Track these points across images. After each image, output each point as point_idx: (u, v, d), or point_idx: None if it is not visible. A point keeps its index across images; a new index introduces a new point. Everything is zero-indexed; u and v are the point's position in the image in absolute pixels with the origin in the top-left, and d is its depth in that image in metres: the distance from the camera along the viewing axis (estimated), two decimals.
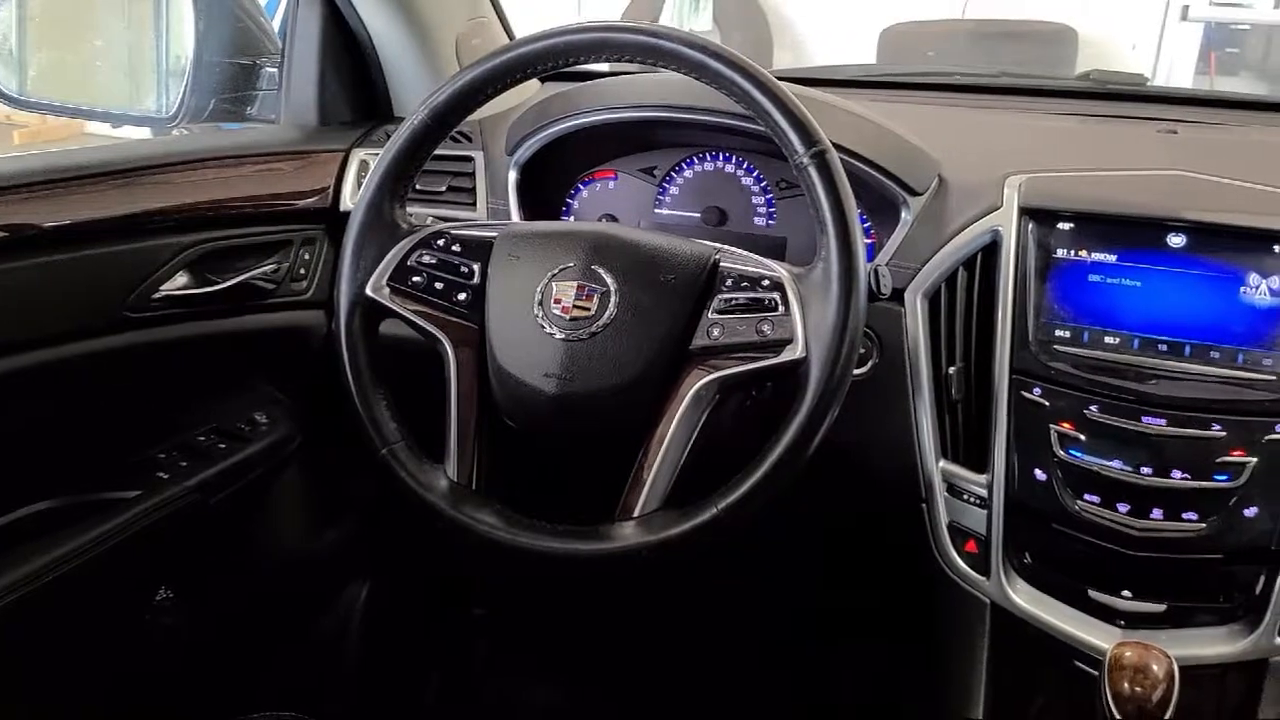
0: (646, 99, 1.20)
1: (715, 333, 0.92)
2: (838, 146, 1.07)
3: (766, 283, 0.92)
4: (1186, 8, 4.07)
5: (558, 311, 0.93)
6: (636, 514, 0.91)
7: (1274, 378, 0.96)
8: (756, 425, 0.93)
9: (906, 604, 1.20)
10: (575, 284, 0.94)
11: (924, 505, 1.08)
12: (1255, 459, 0.95)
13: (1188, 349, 0.98)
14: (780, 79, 1.27)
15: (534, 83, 1.47)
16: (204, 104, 1.39)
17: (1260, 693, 0.99)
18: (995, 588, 1.05)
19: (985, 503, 1.04)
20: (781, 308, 0.90)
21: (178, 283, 1.14)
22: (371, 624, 1.56)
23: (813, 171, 0.89)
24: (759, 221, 1.24)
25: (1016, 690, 1.08)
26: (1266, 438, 0.95)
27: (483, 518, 0.94)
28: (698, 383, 0.91)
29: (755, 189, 1.24)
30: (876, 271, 0.96)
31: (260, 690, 1.40)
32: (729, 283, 0.93)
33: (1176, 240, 0.99)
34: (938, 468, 1.07)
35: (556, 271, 0.95)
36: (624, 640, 1.68)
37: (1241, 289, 0.98)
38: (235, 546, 1.33)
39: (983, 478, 1.04)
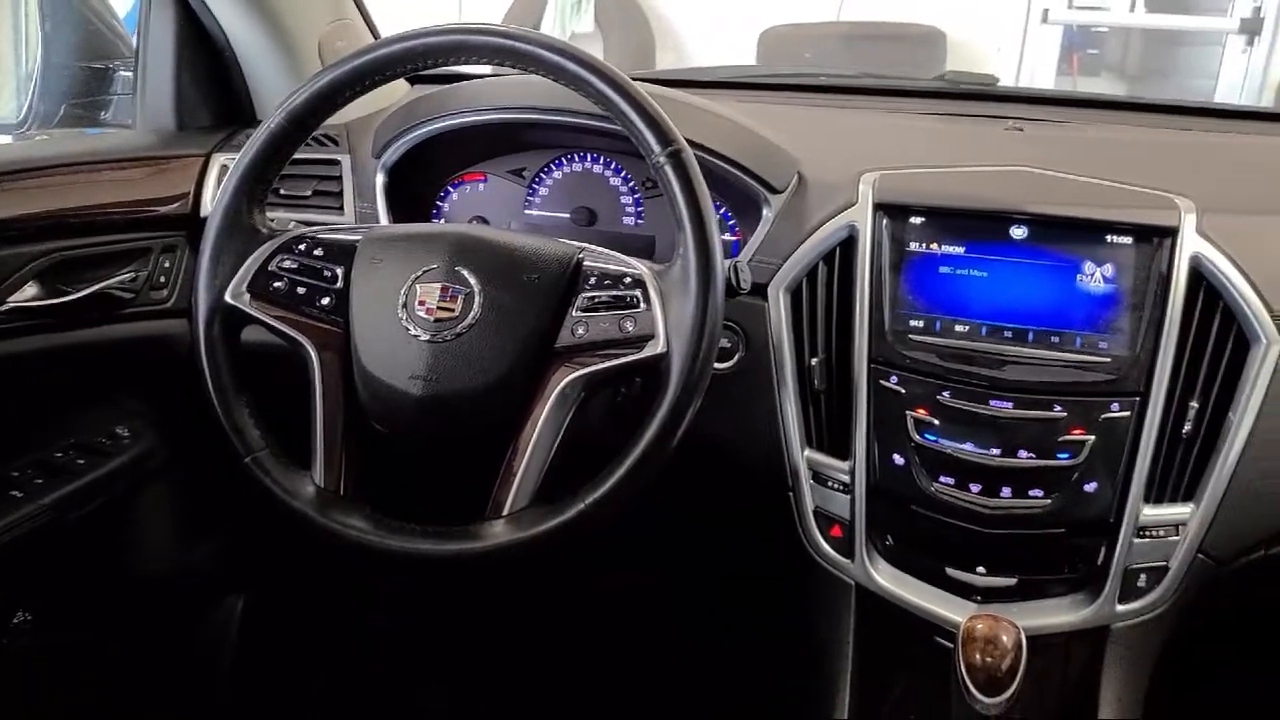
0: (514, 101, 1.20)
1: (579, 331, 0.93)
2: (699, 146, 1.11)
3: (628, 280, 0.94)
4: (1046, 11, 4.25)
5: (422, 313, 0.93)
6: (506, 512, 0.91)
7: (1109, 360, 1.01)
8: (629, 420, 0.94)
9: (779, 591, 1.23)
10: (439, 285, 0.94)
11: (791, 493, 1.11)
12: (1093, 437, 1.00)
13: (1031, 335, 1.04)
14: (648, 81, 1.31)
15: (403, 85, 1.46)
16: (53, 109, 1.34)
17: (1103, 657, 1.05)
18: (860, 569, 1.09)
19: (849, 488, 1.08)
20: (643, 304, 0.92)
21: (27, 294, 1.10)
22: (251, 637, 1.52)
23: (669, 170, 0.91)
24: (628, 221, 1.26)
25: (882, 666, 1.12)
26: (1103, 416, 1.01)
27: (351, 523, 0.93)
28: (563, 380, 0.92)
29: (623, 189, 1.26)
30: (735, 267, 0.99)
31: (131, 714, 1.36)
32: (592, 281, 0.94)
33: (1019, 232, 1.05)
34: (803, 456, 1.10)
35: (420, 273, 0.95)
36: (516, 643, 1.68)
37: (1079, 277, 1.03)
38: (100, 565, 1.29)
39: (846, 464, 1.08)
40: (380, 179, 1.24)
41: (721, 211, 1.21)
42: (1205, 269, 1.00)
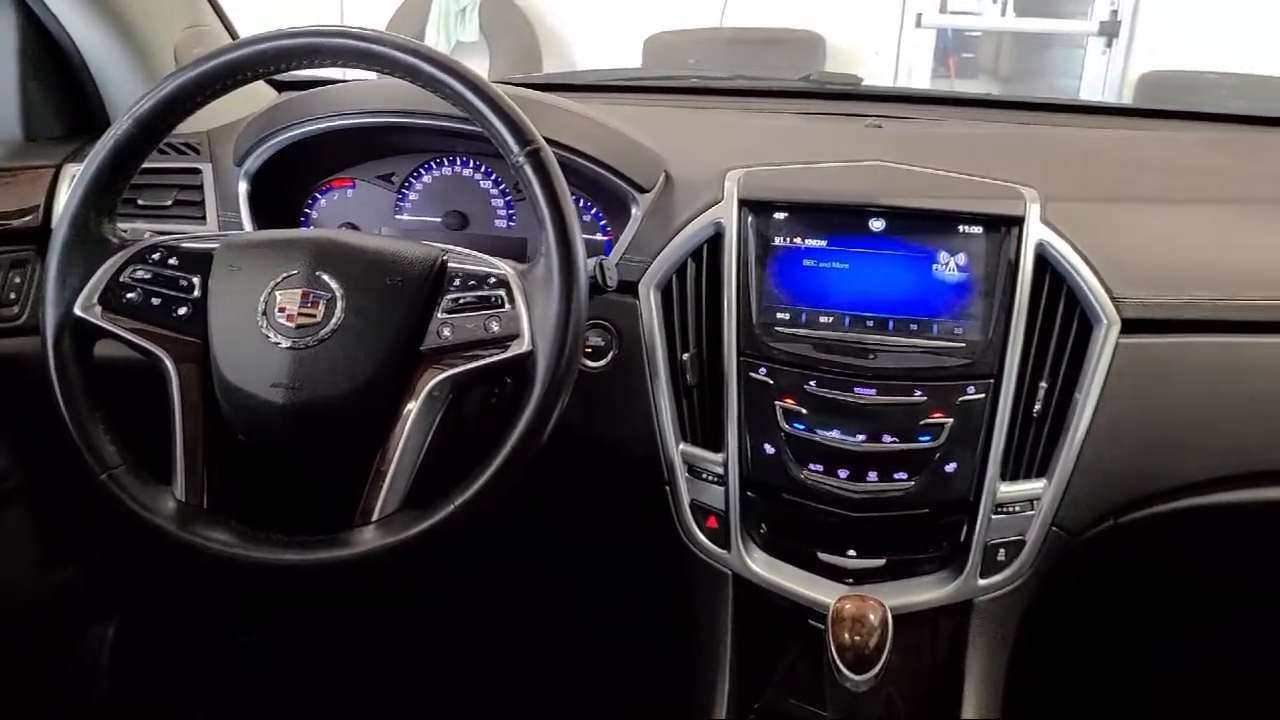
0: (378, 104, 1.19)
1: (446, 332, 0.93)
2: (565, 147, 1.12)
3: (493, 280, 0.94)
4: (920, 15, 4.40)
5: (283, 320, 0.92)
6: (375, 517, 0.91)
7: (964, 345, 1.05)
8: (502, 420, 0.94)
9: (660, 586, 1.24)
10: (300, 291, 0.93)
11: (668, 487, 1.13)
12: (952, 419, 1.04)
13: (891, 324, 1.07)
14: (522, 85, 1.31)
15: (269, 91, 1.44)
16: None
17: (968, 630, 1.09)
18: (736, 559, 1.11)
19: (722, 480, 1.10)
20: (508, 304, 0.93)
21: None
22: (124, 668, 1.47)
23: (528, 170, 0.91)
24: (499, 224, 1.26)
25: (761, 654, 1.14)
26: (960, 399, 1.04)
27: (215, 536, 0.91)
28: (430, 382, 0.92)
29: (494, 191, 1.26)
30: (601, 265, 1.00)
31: None
32: (457, 282, 0.94)
33: (877, 224, 1.08)
34: (678, 450, 1.12)
35: (280, 280, 0.93)
36: (396, 649, 1.66)
37: (934, 266, 1.07)
38: None
39: (719, 456, 1.10)
40: (243, 187, 1.21)
41: (593, 212, 1.22)
42: (1049, 255, 1.04)
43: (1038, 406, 1.05)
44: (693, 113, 1.45)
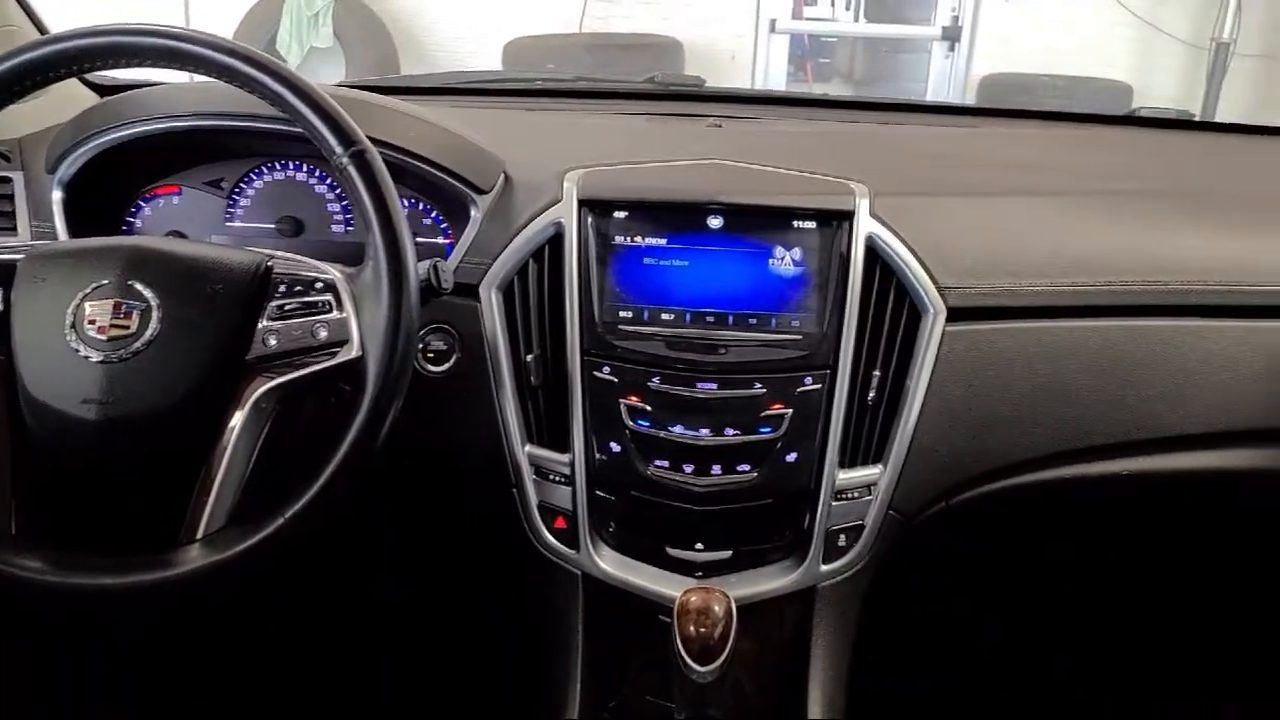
0: (200, 106, 1.14)
1: (271, 340, 0.90)
2: (401, 150, 1.10)
3: (320, 285, 0.91)
4: (774, 21, 4.51)
5: (93, 333, 0.87)
6: (201, 534, 0.87)
7: (801, 337, 1.08)
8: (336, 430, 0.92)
9: (510, 590, 1.23)
10: (111, 302, 0.88)
11: (515, 490, 1.12)
12: (791, 410, 1.06)
13: (731, 319, 1.09)
14: (362, 87, 1.28)
15: (89, 95, 1.37)
16: None
17: (812, 616, 1.12)
18: (585, 558, 1.11)
19: (569, 480, 1.10)
20: (336, 309, 0.90)
21: None
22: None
23: (352, 171, 0.89)
24: (336, 229, 1.23)
25: (613, 650, 1.14)
26: (798, 390, 1.07)
27: (25, 563, 0.86)
28: (256, 392, 0.89)
29: (329, 196, 1.22)
30: (436, 267, 0.98)
31: None
32: (282, 288, 0.92)
33: (715, 222, 1.09)
34: (524, 452, 1.11)
35: (89, 290, 0.89)
36: (238, 666, 1.59)
37: (771, 261, 1.09)
38: None
39: (565, 457, 1.10)
40: (57, 195, 1.15)
41: (432, 215, 1.20)
42: (879, 248, 1.08)
43: (872, 394, 1.08)
44: (534, 115, 1.45)
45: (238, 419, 0.88)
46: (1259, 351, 1.14)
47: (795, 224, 1.09)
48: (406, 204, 1.19)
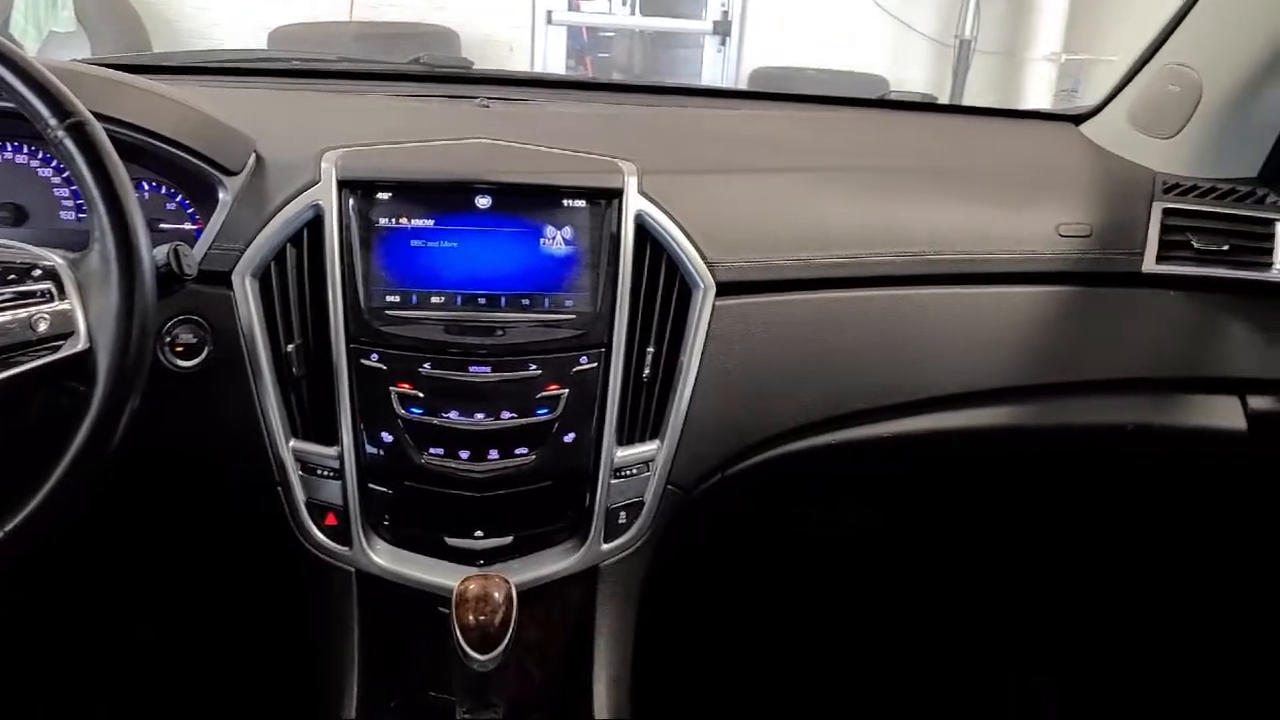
0: None
1: None
2: (136, 127, 1.01)
3: (37, 272, 0.83)
4: (550, 13, 4.51)
5: None
6: None
7: (575, 317, 1.07)
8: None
9: (280, 594, 1.17)
10: None
11: (280, 488, 1.06)
12: (567, 390, 1.06)
13: (503, 300, 1.06)
14: (102, 64, 1.17)
15: None
16: None
17: (595, 596, 1.12)
18: (359, 554, 1.07)
19: (339, 474, 1.05)
20: (59, 299, 0.82)
21: None
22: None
23: (70, 145, 0.81)
24: (66, 215, 1.12)
25: (391, 646, 1.10)
26: (574, 370, 1.06)
27: None
28: None
29: (57, 180, 1.11)
30: (176, 251, 0.91)
31: None
32: None
33: (483, 202, 1.07)
34: (288, 448, 1.05)
35: None
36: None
37: (542, 241, 1.07)
38: None
39: (334, 450, 1.05)
40: None
41: (178, 199, 1.12)
42: (648, 225, 1.08)
43: (647, 371, 1.09)
44: (291, 94, 1.37)
45: None
46: (1000, 315, 1.23)
47: (565, 203, 1.08)
48: (147, 187, 1.11)
